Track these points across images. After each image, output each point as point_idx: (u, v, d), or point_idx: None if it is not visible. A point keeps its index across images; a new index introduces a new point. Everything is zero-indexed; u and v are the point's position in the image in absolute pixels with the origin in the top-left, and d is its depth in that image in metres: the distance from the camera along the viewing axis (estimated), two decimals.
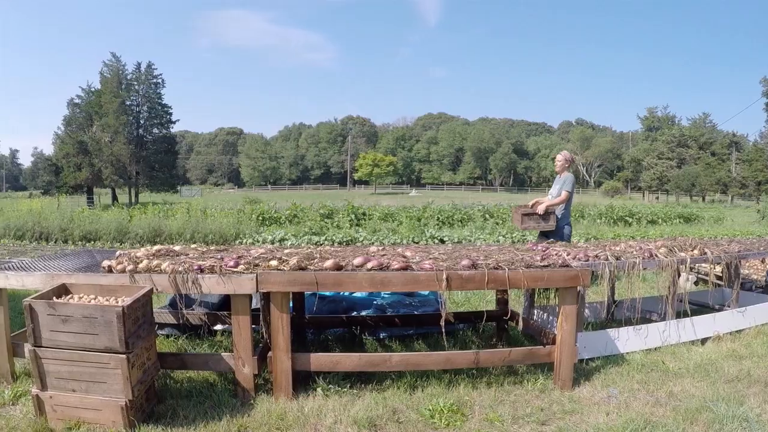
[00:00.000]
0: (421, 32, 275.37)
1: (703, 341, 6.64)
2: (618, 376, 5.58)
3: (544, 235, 8.63)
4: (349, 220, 22.34)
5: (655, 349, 6.34)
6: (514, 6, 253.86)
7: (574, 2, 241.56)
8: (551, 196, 8.88)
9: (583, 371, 5.68)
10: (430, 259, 5.38)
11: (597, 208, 27.98)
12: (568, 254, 5.74)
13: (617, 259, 5.96)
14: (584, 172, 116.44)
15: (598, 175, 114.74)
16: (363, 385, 5.33)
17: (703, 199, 72.57)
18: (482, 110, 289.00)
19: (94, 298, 4.80)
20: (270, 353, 5.11)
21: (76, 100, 58.68)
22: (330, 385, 5.22)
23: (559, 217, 8.61)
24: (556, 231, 8.52)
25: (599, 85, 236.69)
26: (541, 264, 5.30)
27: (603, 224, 24.12)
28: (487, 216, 24.13)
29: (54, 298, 4.70)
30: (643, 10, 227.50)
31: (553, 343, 5.39)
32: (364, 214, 23.90)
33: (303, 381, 5.31)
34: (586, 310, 6.82)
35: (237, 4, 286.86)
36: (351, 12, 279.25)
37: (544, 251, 5.97)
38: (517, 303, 7.86)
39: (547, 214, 8.50)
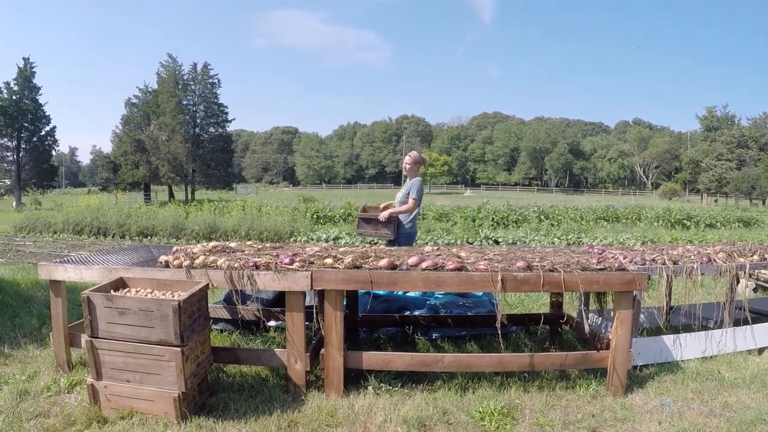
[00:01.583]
0: (476, 30, 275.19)
1: (761, 351, 6.46)
2: (672, 384, 5.44)
3: (390, 242, 8.02)
4: None
5: (711, 357, 6.17)
6: (569, 4, 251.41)
7: (630, 1, 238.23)
8: (398, 201, 8.25)
9: (636, 378, 5.56)
10: (485, 260, 5.33)
11: (654, 210, 27.50)
12: (625, 257, 5.64)
13: (675, 263, 5.85)
14: (641, 174, 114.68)
15: (656, 176, 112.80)
16: (414, 385, 5.30)
17: (764, 203, 70.43)
18: (538, 110, 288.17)
19: (151, 292, 4.88)
20: (322, 350, 5.13)
21: (134, 100, 59.88)
22: (381, 384, 5.21)
23: (405, 225, 8.03)
24: (401, 238, 7.99)
25: (657, 84, 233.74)
26: (597, 267, 5.20)
27: (660, 227, 23.69)
28: (542, 217, 23.92)
29: (111, 291, 4.78)
30: (701, 9, 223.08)
31: (607, 348, 5.29)
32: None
33: (354, 379, 5.32)
34: (642, 315, 6.69)
35: (291, 4, 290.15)
36: (405, 11, 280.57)
37: (600, 254, 5.88)
38: (570, 306, 7.76)
39: (390, 221, 7.87)
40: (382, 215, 7.81)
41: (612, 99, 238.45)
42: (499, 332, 5.44)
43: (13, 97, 53.10)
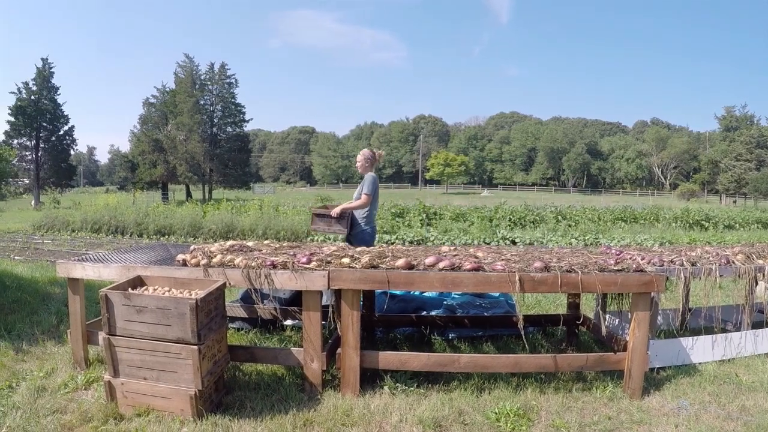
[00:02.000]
0: (493, 30, 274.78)
1: None
2: (689, 387, 5.41)
3: (349, 240, 7.80)
4: (420, 220, 22.30)
5: (729, 360, 6.12)
6: (586, 3, 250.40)
7: (648, 1, 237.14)
8: (354, 196, 8.03)
9: (653, 380, 5.52)
10: (502, 260, 5.31)
11: (672, 211, 27.31)
12: (643, 259, 5.61)
13: (693, 265, 5.80)
14: (659, 174, 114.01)
15: (674, 177, 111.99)
16: (430, 385, 5.30)
17: None
18: (555, 109, 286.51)
19: (168, 290, 4.90)
20: (339, 350, 5.13)
21: (152, 100, 60.21)
22: (397, 384, 5.21)
23: (361, 222, 7.79)
24: (357, 236, 7.75)
25: (675, 84, 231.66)
26: (615, 268, 5.17)
27: (678, 228, 23.54)
28: (559, 218, 23.84)
29: (129, 289, 4.81)
30: (721, 9, 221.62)
31: (624, 350, 5.26)
32: (435, 213, 23.87)
33: (370, 378, 5.32)
34: (659, 317, 6.65)
35: (306, 4, 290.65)
36: (419, 10, 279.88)
37: (618, 255, 5.84)
38: (587, 308, 7.72)
39: (342, 217, 7.66)
40: (334, 211, 7.63)
41: (630, 99, 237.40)
42: (522, 333, 5.41)
43: (32, 97, 53.52)
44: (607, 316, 6.61)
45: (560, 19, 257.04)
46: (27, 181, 53.54)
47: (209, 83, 60.76)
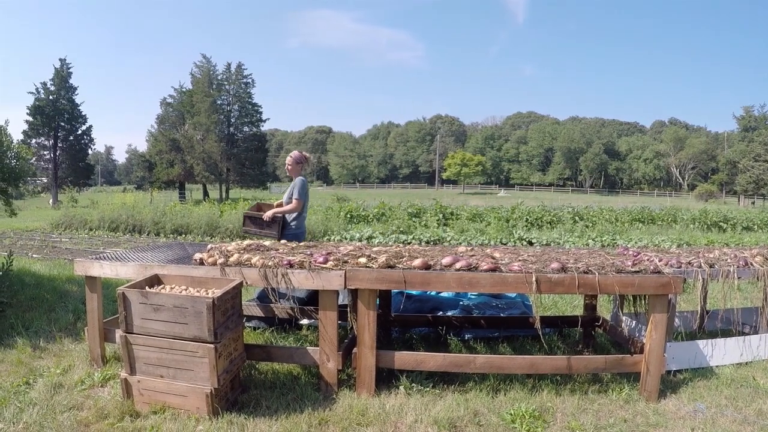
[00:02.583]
0: (510, 29, 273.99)
1: None
2: (706, 390, 5.37)
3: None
4: (437, 220, 22.26)
5: (746, 363, 6.07)
6: (603, 3, 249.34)
7: (666, 0, 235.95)
8: (285, 202, 7.93)
9: (669, 383, 5.48)
10: (519, 260, 5.30)
11: (690, 212, 27.07)
12: (660, 260, 5.57)
13: (711, 266, 5.75)
14: (677, 175, 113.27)
15: (692, 177, 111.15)
16: (445, 386, 5.30)
17: None
18: (572, 109, 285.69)
19: (185, 289, 4.93)
20: (355, 349, 5.14)
21: (169, 100, 60.47)
22: (413, 384, 5.21)
23: (291, 225, 7.76)
24: (286, 239, 7.46)
25: (693, 83, 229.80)
26: (632, 269, 5.14)
27: (696, 229, 23.36)
28: (576, 218, 23.73)
29: (146, 287, 4.84)
30: (739, 9, 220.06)
31: (641, 352, 5.23)
32: (452, 213, 23.81)
33: (386, 378, 5.32)
34: (676, 320, 6.61)
35: (324, 4, 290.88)
36: (437, 10, 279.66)
37: (635, 256, 5.81)
38: (604, 309, 7.69)
39: (274, 221, 7.62)
40: (266, 215, 7.63)
41: (648, 98, 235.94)
42: (540, 334, 5.40)
43: (50, 97, 53.89)
44: (624, 318, 6.58)
45: (577, 19, 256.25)
46: (45, 180, 53.88)
47: (226, 83, 60.90)
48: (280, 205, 7.91)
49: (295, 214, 7.70)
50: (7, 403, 4.76)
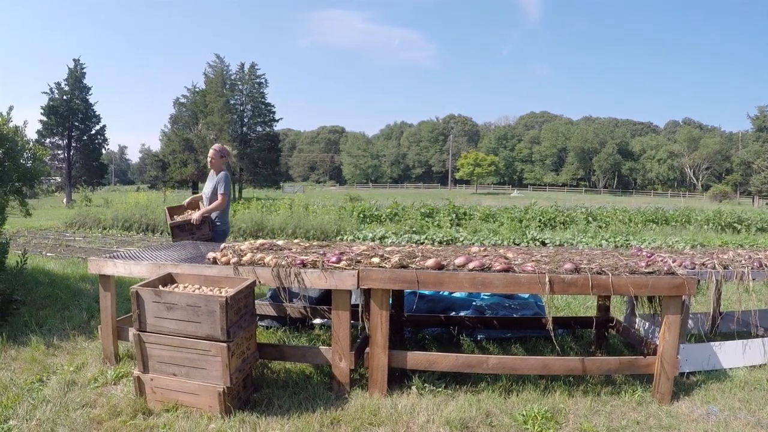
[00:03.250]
0: (523, 28, 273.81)
1: None
2: (719, 392, 5.32)
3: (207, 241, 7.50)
4: (450, 220, 22.20)
5: (760, 366, 6.02)
6: (616, 1, 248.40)
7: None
8: (205, 196, 7.90)
9: (683, 385, 5.45)
10: (532, 261, 5.28)
11: (704, 213, 26.84)
12: (674, 261, 5.53)
13: (725, 268, 5.71)
14: (691, 175, 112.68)
15: (706, 178, 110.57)
16: (457, 386, 5.29)
17: None
18: (586, 109, 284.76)
19: (199, 288, 4.94)
20: (367, 349, 5.13)
21: (182, 100, 60.68)
22: (425, 384, 5.20)
23: (217, 222, 7.75)
24: (215, 238, 7.67)
25: (708, 83, 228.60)
26: (646, 270, 5.12)
27: (710, 230, 23.18)
28: (589, 219, 23.61)
29: (160, 286, 4.85)
30: (753, 8, 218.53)
31: (654, 353, 5.19)
32: (464, 213, 23.75)
33: (398, 378, 5.32)
34: (690, 321, 6.57)
35: (335, 3, 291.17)
36: (448, 9, 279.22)
37: (649, 257, 5.78)
38: (617, 310, 7.66)
39: (204, 222, 7.56)
40: (195, 218, 7.48)
41: (661, 98, 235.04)
42: (552, 335, 5.36)
43: (64, 97, 54.13)
44: (638, 319, 6.55)
45: (590, 18, 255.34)
46: (59, 180, 54.12)
47: (239, 83, 61.08)
48: (193, 201, 8.03)
49: (221, 211, 7.74)
50: (20, 399, 4.79)
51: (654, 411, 4.90)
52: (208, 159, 7.96)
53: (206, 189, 7.91)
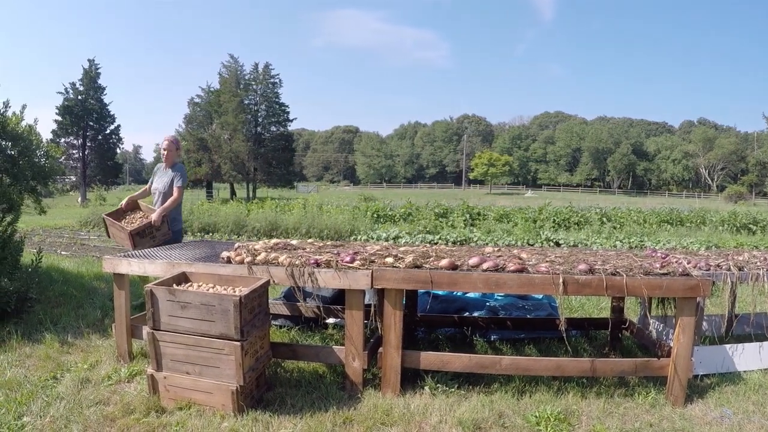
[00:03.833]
0: (537, 28, 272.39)
1: None
2: (733, 395, 5.28)
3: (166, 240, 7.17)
4: (464, 220, 22.16)
5: None
6: (630, 0, 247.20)
7: None
8: (157, 191, 7.37)
9: (696, 388, 5.41)
10: (547, 262, 5.26)
11: (719, 214, 26.65)
12: (689, 262, 5.50)
13: (740, 269, 5.66)
14: (706, 175, 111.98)
15: (721, 178, 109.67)
16: (470, 387, 5.28)
17: None
18: (600, 109, 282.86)
19: (213, 287, 4.95)
20: (380, 349, 5.13)
21: (196, 100, 60.84)
22: (438, 384, 5.20)
23: (177, 218, 7.41)
24: (175, 236, 7.34)
25: (723, 82, 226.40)
26: (660, 272, 5.09)
27: (725, 232, 23.00)
28: (604, 220, 23.51)
29: (174, 285, 4.87)
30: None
31: (668, 355, 5.16)
32: (478, 214, 23.71)
33: (411, 378, 5.31)
34: (704, 323, 6.53)
35: (348, 3, 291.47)
36: (462, 9, 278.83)
37: (663, 258, 5.75)
38: (631, 312, 7.63)
39: (163, 221, 7.10)
40: (154, 219, 6.99)
41: (676, 98, 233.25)
42: (564, 336, 5.33)
43: (79, 97, 54.52)
44: (652, 321, 6.51)
45: (605, 17, 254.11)
46: (74, 179, 54.47)
47: (253, 83, 61.16)
48: (132, 202, 7.46)
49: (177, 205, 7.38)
50: (34, 396, 4.83)
51: (667, 413, 4.87)
52: (163, 150, 7.51)
53: (157, 184, 7.44)
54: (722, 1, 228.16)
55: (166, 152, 7.45)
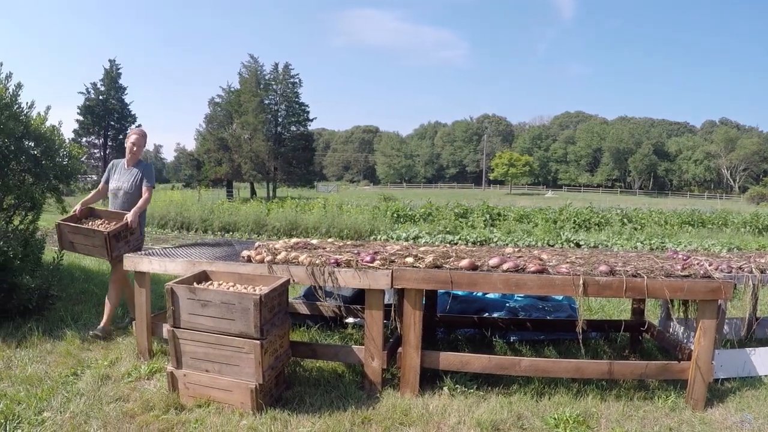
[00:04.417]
0: (557, 27, 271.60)
1: None
2: (754, 400, 5.22)
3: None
4: (484, 220, 22.13)
5: None
6: None
7: None
8: (122, 190, 6.68)
9: (717, 392, 5.35)
10: (567, 263, 5.24)
11: (741, 215, 26.43)
12: (711, 264, 5.45)
13: (762, 272, 5.59)
14: (728, 176, 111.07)
15: (743, 179, 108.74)
16: (489, 388, 5.26)
17: None
18: (621, 109, 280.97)
19: (233, 286, 4.97)
20: (399, 349, 5.13)
21: (217, 100, 61.08)
22: (456, 385, 5.19)
23: (143, 219, 6.84)
24: (141, 234, 6.78)
25: (745, 82, 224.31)
26: (682, 274, 5.05)
27: (747, 233, 22.79)
28: (625, 221, 23.37)
29: (194, 283, 4.89)
30: None
31: (689, 359, 5.11)
32: (499, 214, 23.65)
33: (430, 379, 5.30)
34: (725, 326, 6.47)
35: (367, 3, 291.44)
36: (481, 8, 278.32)
37: (685, 260, 5.71)
38: (652, 314, 7.58)
39: (139, 224, 6.57)
40: (131, 220, 6.32)
41: (698, 97, 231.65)
42: (580, 337, 5.30)
43: (100, 97, 55.08)
44: (672, 324, 6.47)
45: (625, 15, 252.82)
46: (95, 178, 54.87)
47: (273, 83, 61.28)
48: (86, 208, 6.67)
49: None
50: (55, 392, 4.86)
51: (687, 417, 4.82)
52: (132, 145, 6.82)
53: (119, 183, 6.76)
54: (744, 0, 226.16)
55: (135, 147, 6.81)
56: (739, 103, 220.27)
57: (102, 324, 6.56)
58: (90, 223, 6.47)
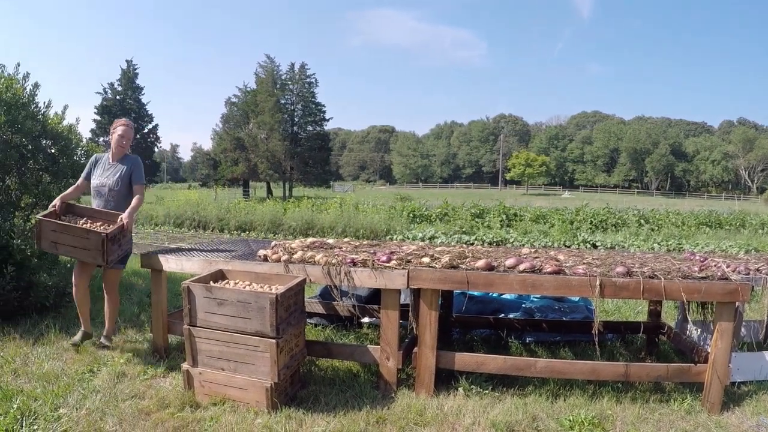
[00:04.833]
0: (575, 26, 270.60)
1: None
2: None
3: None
4: (500, 221, 22.06)
5: None
6: None
7: None
8: (107, 187, 6.04)
9: (733, 395, 5.31)
10: (584, 264, 5.22)
11: (759, 217, 26.24)
12: (728, 266, 5.41)
13: None
14: (746, 177, 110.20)
15: (761, 180, 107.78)
16: (504, 389, 5.25)
17: None
18: (638, 109, 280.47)
19: (249, 285, 4.98)
20: (415, 349, 5.13)
21: (233, 99, 61.27)
22: (472, 386, 5.18)
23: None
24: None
25: (764, 81, 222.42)
26: (699, 275, 5.02)
27: (765, 235, 22.60)
28: (641, 221, 23.23)
29: (211, 282, 4.90)
30: None
31: (705, 361, 5.07)
32: (515, 214, 23.57)
33: (445, 379, 5.30)
34: (743, 329, 6.42)
35: (385, 2, 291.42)
36: (499, 7, 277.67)
37: (702, 262, 5.67)
38: (668, 316, 7.54)
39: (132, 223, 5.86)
40: (127, 221, 5.66)
41: (716, 97, 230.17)
42: (596, 339, 5.28)
43: (117, 97, 55.44)
44: (689, 326, 6.42)
45: (643, 15, 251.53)
46: None
47: (290, 83, 61.43)
48: (64, 204, 5.96)
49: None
50: (71, 389, 4.91)
51: (703, 421, 4.79)
52: (121, 137, 6.31)
53: (103, 179, 6.12)
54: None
55: (125, 140, 6.29)
56: (757, 104, 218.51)
57: (105, 331, 6.23)
58: (75, 223, 5.78)
